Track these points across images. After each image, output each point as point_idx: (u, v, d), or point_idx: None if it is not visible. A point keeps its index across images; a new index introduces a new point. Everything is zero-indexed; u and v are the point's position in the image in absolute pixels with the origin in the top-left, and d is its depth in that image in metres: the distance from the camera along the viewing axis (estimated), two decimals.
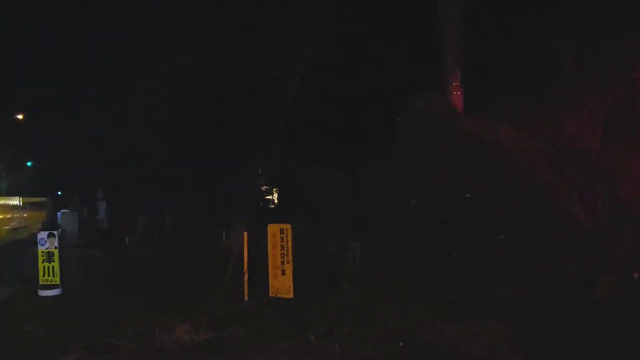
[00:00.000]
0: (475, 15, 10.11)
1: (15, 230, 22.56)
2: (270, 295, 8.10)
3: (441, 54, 9.54)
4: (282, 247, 8.12)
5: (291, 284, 8.01)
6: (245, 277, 8.31)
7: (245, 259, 8.39)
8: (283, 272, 8.08)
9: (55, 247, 10.28)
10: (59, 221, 15.95)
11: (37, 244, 10.41)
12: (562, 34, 7.90)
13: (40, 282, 10.20)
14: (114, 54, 24.29)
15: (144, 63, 20.56)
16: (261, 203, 16.32)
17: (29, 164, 44.41)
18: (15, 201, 38.77)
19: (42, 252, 10.25)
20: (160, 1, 19.39)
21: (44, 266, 10.20)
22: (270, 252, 8.21)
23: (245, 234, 8.51)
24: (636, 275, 7.36)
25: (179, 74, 18.30)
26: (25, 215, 29.71)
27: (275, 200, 17.83)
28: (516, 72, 9.10)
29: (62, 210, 17.42)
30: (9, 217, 29.08)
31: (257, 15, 16.60)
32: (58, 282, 10.19)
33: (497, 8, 10.86)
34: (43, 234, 10.48)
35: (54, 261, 10.20)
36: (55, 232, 10.56)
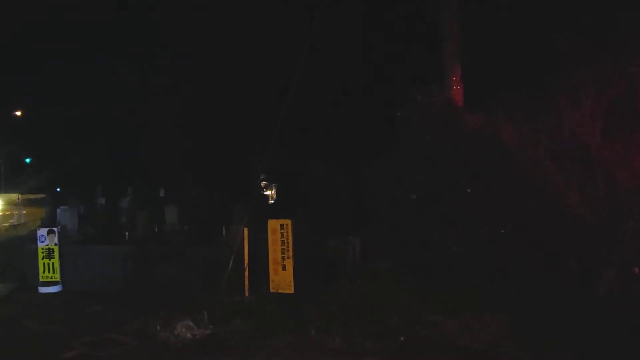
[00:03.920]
0: (476, 9, 10.09)
1: (14, 227, 22.51)
2: (271, 290, 8.10)
3: (441, 48, 9.53)
4: (283, 243, 8.12)
5: (292, 279, 8.01)
6: (246, 273, 8.32)
7: (246, 255, 8.40)
8: (284, 268, 8.08)
9: (55, 244, 10.29)
10: (58, 217, 15.89)
11: (36, 240, 10.41)
12: (562, 28, 7.88)
13: (41, 279, 10.22)
14: (114, 50, 24.26)
15: (143, 59, 20.55)
16: (261, 198, 16.29)
17: (27, 160, 44.32)
18: (14, 197, 38.70)
19: (42, 248, 10.26)
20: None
21: (44, 263, 10.22)
22: (270, 247, 8.21)
23: (246, 229, 8.51)
24: (636, 270, 7.36)
25: (179, 69, 18.29)
26: (24, 211, 29.65)
27: (275, 196, 17.80)
28: (516, 66, 9.08)
29: (61, 207, 17.37)
30: (8, 214, 29.04)
31: (256, 10, 16.58)
32: (58, 279, 10.21)
33: (497, 2, 10.84)
34: (43, 231, 10.49)
35: (54, 258, 10.21)
36: (54, 229, 10.57)
